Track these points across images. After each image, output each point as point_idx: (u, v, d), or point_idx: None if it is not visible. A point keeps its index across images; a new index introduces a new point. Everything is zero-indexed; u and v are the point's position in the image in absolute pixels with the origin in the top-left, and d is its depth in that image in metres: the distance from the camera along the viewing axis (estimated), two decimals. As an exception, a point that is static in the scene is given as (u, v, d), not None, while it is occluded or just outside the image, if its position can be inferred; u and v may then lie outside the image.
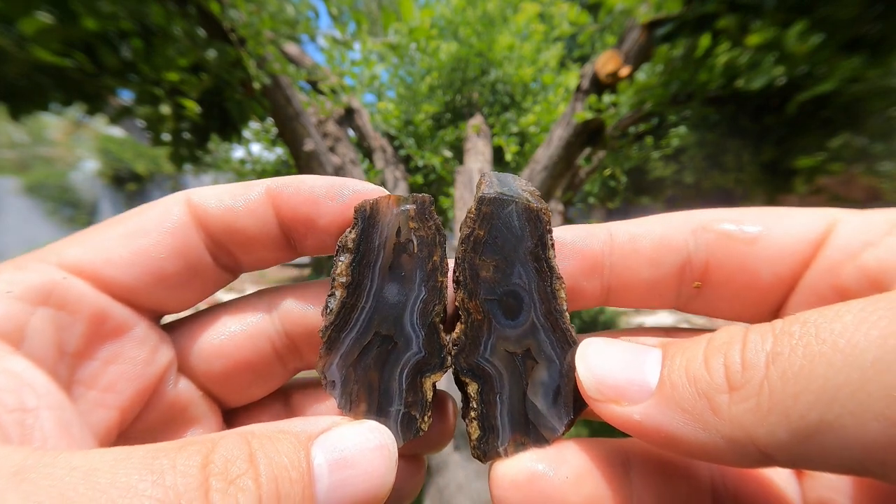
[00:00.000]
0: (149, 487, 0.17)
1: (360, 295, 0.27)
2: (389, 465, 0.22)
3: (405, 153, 3.06)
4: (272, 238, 0.28)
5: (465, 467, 2.09)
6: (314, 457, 0.20)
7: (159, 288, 0.26)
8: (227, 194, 0.27)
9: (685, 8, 1.47)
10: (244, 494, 0.17)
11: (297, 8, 1.70)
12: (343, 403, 0.26)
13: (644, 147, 2.70)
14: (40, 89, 1.21)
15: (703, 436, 0.19)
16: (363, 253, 0.27)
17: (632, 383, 0.22)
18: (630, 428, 0.22)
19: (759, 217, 0.27)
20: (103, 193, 12.27)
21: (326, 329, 0.26)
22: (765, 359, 0.18)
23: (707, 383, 0.19)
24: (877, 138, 1.64)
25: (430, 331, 0.27)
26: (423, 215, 0.28)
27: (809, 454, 0.17)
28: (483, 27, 2.95)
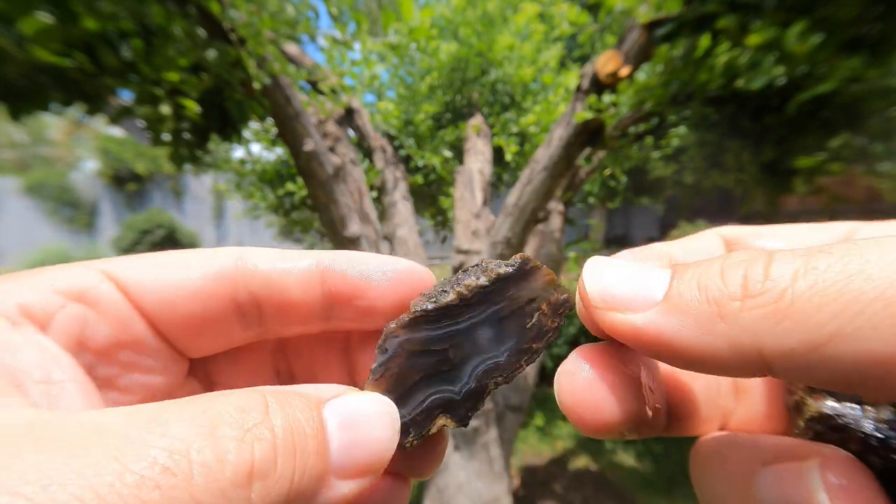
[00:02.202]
0: (156, 438, 0.17)
1: (463, 314, 0.27)
2: (393, 431, 0.23)
3: (405, 153, 3.06)
4: (311, 307, 0.28)
5: (465, 467, 2.09)
6: (326, 417, 0.21)
7: (177, 318, 0.26)
8: (278, 256, 0.28)
9: (685, 8, 1.47)
10: (260, 444, 0.18)
11: (297, 8, 1.70)
12: (376, 369, 0.26)
13: (644, 147, 2.70)
14: (40, 89, 1.21)
15: (703, 341, 0.19)
16: (493, 290, 0.27)
17: (637, 294, 0.22)
18: (628, 334, 0.22)
19: (780, 234, 0.27)
20: (103, 193, 12.26)
21: (420, 311, 0.26)
22: (793, 271, 0.18)
23: (719, 290, 0.19)
24: (877, 138, 1.64)
25: (478, 389, 0.27)
26: (558, 310, 0.28)
27: (812, 364, 0.17)
28: (483, 27, 2.95)
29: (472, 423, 2.10)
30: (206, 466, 0.16)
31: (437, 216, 3.51)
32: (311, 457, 0.19)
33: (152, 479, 0.16)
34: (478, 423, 2.11)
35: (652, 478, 3.27)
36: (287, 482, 0.18)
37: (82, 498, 0.15)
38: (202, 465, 0.16)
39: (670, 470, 3.34)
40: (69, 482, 0.15)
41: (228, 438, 0.17)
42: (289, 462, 0.18)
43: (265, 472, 0.17)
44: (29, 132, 14.91)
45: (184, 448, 0.16)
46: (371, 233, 2.24)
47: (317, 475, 0.19)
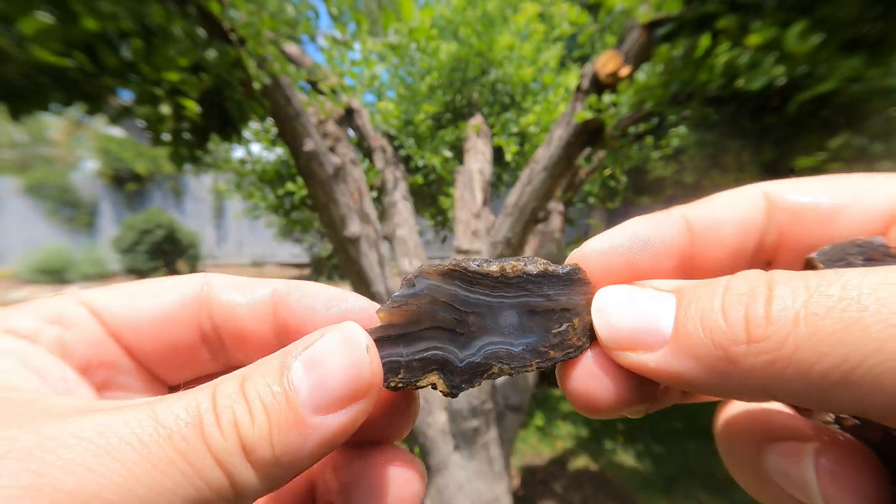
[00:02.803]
0: (175, 401, 0.20)
1: (497, 289, 0.27)
2: (360, 355, 0.23)
3: (405, 153, 3.06)
4: (265, 339, 0.28)
5: (465, 467, 2.09)
6: (292, 369, 0.22)
7: (147, 342, 0.27)
8: (238, 285, 0.29)
9: (685, 8, 1.47)
10: (237, 413, 0.20)
11: (297, 8, 1.70)
12: (396, 298, 0.26)
13: (644, 147, 2.70)
14: (40, 89, 1.21)
15: (715, 381, 0.21)
16: (535, 282, 0.27)
17: (647, 333, 0.23)
18: (645, 373, 0.23)
19: (831, 189, 0.26)
20: (103, 193, 12.26)
21: (461, 267, 0.26)
22: (793, 316, 0.18)
23: (723, 334, 0.20)
24: (877, 138, 1.64)
25: (481, 367, 0.27)
26: (587, 331, 0.27)
27: (817, 405, 0.19)
28: (483, 27, 2.95)
29: (472, 423, 2.10)
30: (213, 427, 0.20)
31: (437, 216, 3.51)
32: (282, 411, 0.21)
33: (179, 433, 0.19)
34: (478, 423, 2.11)
35: (652, 478, 3.27)
36: (266, 435, 0.20)
37: (131, 443, 0.18)
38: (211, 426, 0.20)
39: (670, 470, 3.34)
40: (120, 431, 0.18)
41: (208, 424, 0.20)
42: (263, 419, 0.20)
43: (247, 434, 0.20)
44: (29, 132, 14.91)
45: (196, 413, 0.20)
46: (371, 233, 2.24)
47: (292, 422, 0.21)
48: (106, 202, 12.25)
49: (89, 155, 13.63)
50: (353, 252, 2.04)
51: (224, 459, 0.19)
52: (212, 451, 0.19)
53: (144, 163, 11.61)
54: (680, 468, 3.35)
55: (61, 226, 11.94)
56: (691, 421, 4.03)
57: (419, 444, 2.17)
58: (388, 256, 2.34)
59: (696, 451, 3.57)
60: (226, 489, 0.19)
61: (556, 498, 3.05)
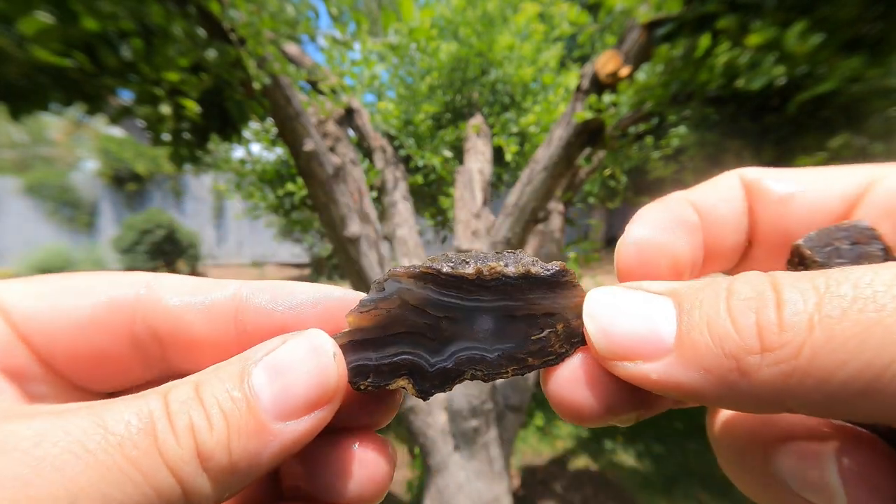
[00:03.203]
0: (124, 407, 0.19)
1: (473, 293, 0.25)
2: (325, 362, 0.23)
3: (405, 153, 3.06)
4: (223, 345, 0.26)
5: (465, 467, 2.09)
6: (253, 375, 0.21)
7: (61, 349, 0.24)
8: (188, 288, 0.26)
9: (685, 8, 1.47)
10: (194, 419, 0.19)
11: (297, 8, 1.70)
12: (365, 302, 0.25)
13: (644, 147, 2.70)
14: (40, 89, 1.21)
15: (724, 393, 0.19)
16: (515, 285, 0.25)
17: (647, 341, 0.21)
18: (645, 384, 0.21)
19: (799, 176, 0.27)
20: (103, 193, 12.26)
21: (433, 269, 0.25)
22: (807, 321, 0.17)
23: (735, 343, 0.18)
24: (877, 138, 1.64)
25: (453, 372, 0.26)
26: (571, 338, 0.25)
27: (839, 415, 0.18)
28: (483, 27, 2.95)
29: (472, 423, 2.10)
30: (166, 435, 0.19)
31: (437, 216, 3.51)
32: (242, 417, 0.20)
33: (130, 440, 0.18)
34: (478, 423, 2.11)
35: (652, 478, 3.27)
36: (224, 441, 0.19)
37: (75, 451, 0.16)
38: (163, 433, 0.19)
39: (670, 470, 3.34)
40: (59, 440, 0.16)
41: (161, 432, 0.19)
42: (221, 425, 0.20)
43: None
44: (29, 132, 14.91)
45: (148, 419, 0.19)
46: (371, 233, 2.24)
47: (253, 429, 0.20)
48: (106, 202, 12.25)
49: (89, 155, 13.64)
50: (353, 252, 2.04)
51: (178, 468, 0.18)
52: (165, 458, 0.18)
53: (144, 163, 11.61)
54: (680, 468, 3.35)
55: (61, 226, 11.94)
56: (691, 421, 4.03)
57: (419, 444, 2.17)
58: (388, 256, 2.34)
59: (696, 451, 3.57)
60: (178, 498, 0.18)
61: (556, 498, 3.05)
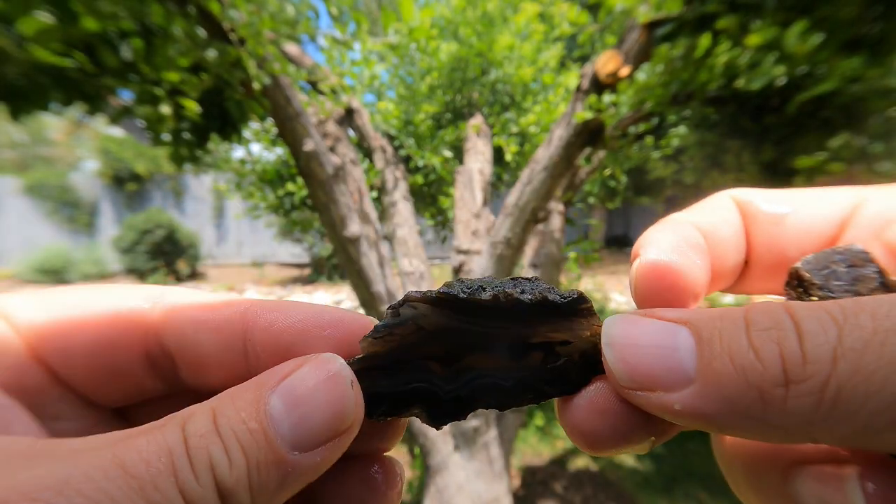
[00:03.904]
0: (144, 444, 0.18)
1: (489, 319, 0.24)
2: (344, 391, 0.22)
3: (405, 153, 3.06)
4: (231, 363, 0.25)
5: (465, 468, 2.09)
6: (271, 404, 0.21)
7: (78, 366, 0.24)
8: (198, 305, 0.26)
9: (685, 8, 1.47)
10: (213, 455, 0.19)
11: (297, 8, 1.70)
12: (380, 329, 0.24)
13: (644, 147, 2.70)
14: (40, 89, 1.21)
15: (750, 423, 0.19)
16: (531, 312, 0.24)
17: (668, 371, 0.21)
18: (666, 414, 0.21)
19: (789, 198, 0.27)
20: (103, 193, 12.26)
21: (451, 294, 0.24)
22: (831, 353, 0.17)
23: (760, 375, 0.18)
24: (877, 138, 1.64)
25: (467, 401, 0.25)
26: (588, 367, 0.25)
27: (868, 444, 0.17)
28: (483, 27, 2.95)
29: (472, 423, 2.10)
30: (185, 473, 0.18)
31: (437, 216, 3.51)
32: (261, 450, 0.20)
33: (152, 482, 0.17)
34: (478, 423, 2.11)
35: (652, 478, 3.27)
36: (244, 477, 0.19)
37: (99, 501, 0.16)
38: (181, 471, 0.18)
39: (670, 470, 3.34)
40: (82, 488, 0.16)
41: (180, 471, 0.18)
42: (240, 460, 0.19)
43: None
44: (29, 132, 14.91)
45: (168, 458, 0.18)
46: (371, 233, 2.24)
47: (272, 462, 0.20)
48: (106, 202, 12.25)
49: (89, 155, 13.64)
50: (353, 252, 2.04)
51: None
52: (187, 499, 0.18)
53: (144, 163, 11.61)
54: (680, 468, 3.35)
55: (61, 226, 11.94)
56: (691, 421, 4.02)
57: (419, 444, 2.17)
58: (388, 256, 2.34)
59: (696, 451, 3.57)
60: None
61: (556, 498, 3.05)
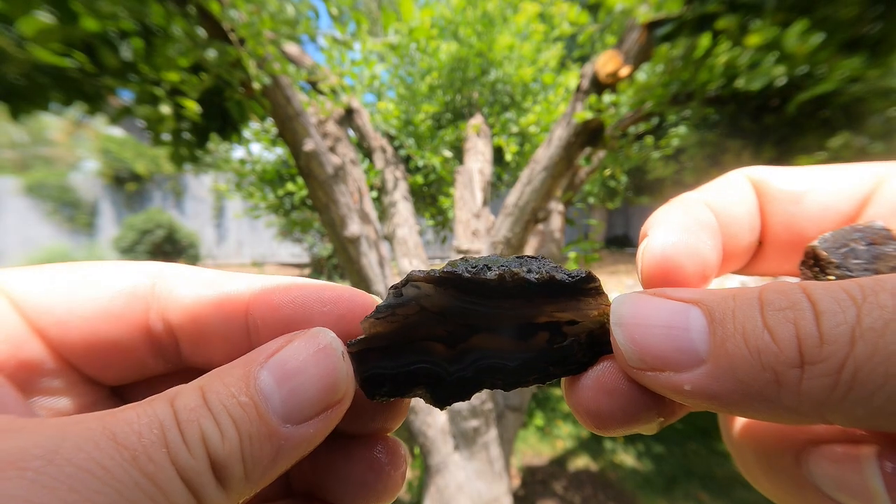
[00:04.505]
0: (135, 417, 0.18)
1: (494, 298, 0.24)
2: (335, 363, 0.22)
3: (405, 153, 3.06)
4: (235, 340, 0.25)
5: (465, 467, 2.09)
6: (260, 378, 0.20)
7: (78, 341, 0.24)
8: (201, 280, 0.25)
9: (685, 8, 1.47)
10: (204, 428, 0.19)
11: (297, 8, 1.70)
12: (382, 308, 0.24)
13: (644, 147, 2.70)
14: (40, 89, 1.21)
15: (763, 405, 0.18)
16: (537, 292, 0.24)
17: (679, 351, 0.20)
18: (676, 395, 0.21)
19: (807, 176, 0.27)
20: (103, 193, 12.25)
21: (454, 273, 0.23)
22: (849, 333, 0.17)
23: (775, 356, 0.18)
24: (877, 138, 1.64)
25: (472, 382, 0.25)
26: (595, 347, 0.24)
27: (884, 426, 0.17)
28: (483, 27, 2.95)
29: (472, 423, 2.10)
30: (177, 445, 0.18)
31: (437, 216, 3.51)
32: (252, 423, 0.20)
33: (145, 453, 0.17)
34: (478, 423, 2.11)
35: (652, 478, 3.27)
36: (237, 450, 0.19)
37: (90, 469, 0.16)
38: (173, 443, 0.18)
39: (670, 470, 3.34)
40: (72, 457, 0.16)
41: (172, 443, 0.18)
42: (232, 433, 0.19)
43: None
44: (29, 132, 14.91)
45: (159, 429, 0.18)
46: (371, 233, 2.24)
47: (264, 434, 0.20)
48: (106, 202, 12.25)
49: (89, 155, 13.64)
50: (353, 252, 2.04)
51: (192, 479, 0.18)
52: (180, 470, 0.18)
53: (144, 163, 11.61)
54: (680, 468, 3.35)
55: (61, 226, 11.93)
56: (691, 421, 4.02)
57: (419, 444, 2.17)
58: (388, 256, 2.34)
59: (696, 451, 3.57)
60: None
61: (556, 498, 3.05)
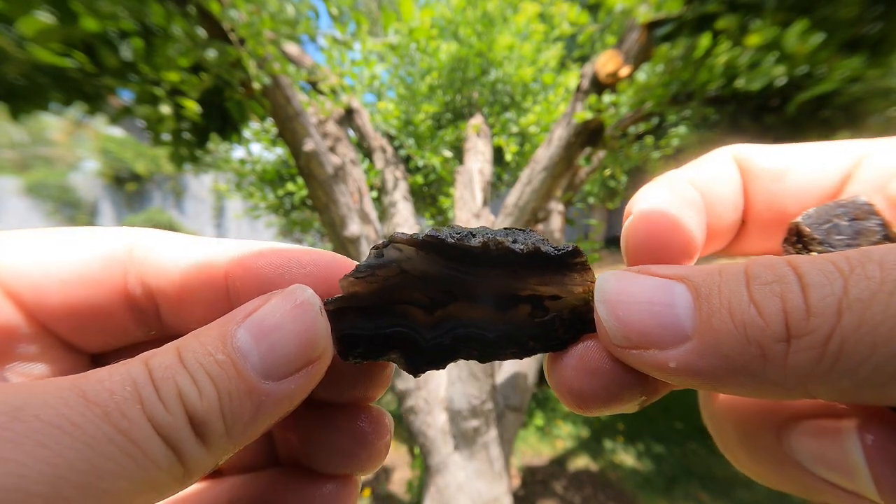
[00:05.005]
0: (107, 376, 0.18)
1: (477, 267, 0.23)
2: (313, 318, 0.22)
3: (405, 153, 3.06)
4: (214, 305, 0.25)
5: (465, 467, 2.09)
6: (237, 337, 0.20)
7: (53, 305, 0.23)
8: (178, 244, 0.25)
9: (685, 8, 1.47)
10: (181, 385, 0.18)
11: (297, 8, 1.70)
12: (362, 268, 0.23)
13: (644, 147, 2.70)
14: (40, 89, 1.21)
15: (747, 380, 0.18)
16: (521, 263, 0.23)
17: (663, 328, 0.20)
18: (660, 373, 0.20)
19: (790, 153, 0.27)
20: (103, 193, 12.26)
21: (437, 238, 0.23)
22: (836, 305, 0.16)
23: (761, 330, 0.17)
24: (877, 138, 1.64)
25: (448, 350, 0.24)
26: (577, 324, 0.24)
27: (867, 400, 0.17)
28: (483, 27, 2.95)
29: (472, 423, 2.10)
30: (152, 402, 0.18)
31: (437, 216, 3.51)
32: (231, 380, 0.19)
33: (117, 409, 0.17)
34: (478, 423, 2.11)
35: (652, 478, 3.27)
36: (216, 406, 0.19)
37: (58, 424, 0.15)
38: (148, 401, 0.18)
39: (670, 470, 3.34)
40: (39, 413, 0.15)
41: (146, 399, 0.18)
42: (210, 390, 0.19)
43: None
44: (29, 132, 14.91)
45: (132, 387, 0.18)
46: (371, 233, 2.24)
47: (244, 391, 0.19)
48: (106, 202, 12.25)
49: (89, 155, 13.64)
50: (353, 252, 2.04)
51: (169, 435, 0.17)
52: (156, 426, 0.17)
53: (144, 163, 11.61)
54: (680, 468, 3.35)
55: (61, 226, 11.95)
56: (691, 421, 4.02)
57: (419, 444, 2.17)
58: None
59: (696, 451, 3.57)
60: (175, 467, 0.18)
61: (556, 498, 3.05)
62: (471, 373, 2.07)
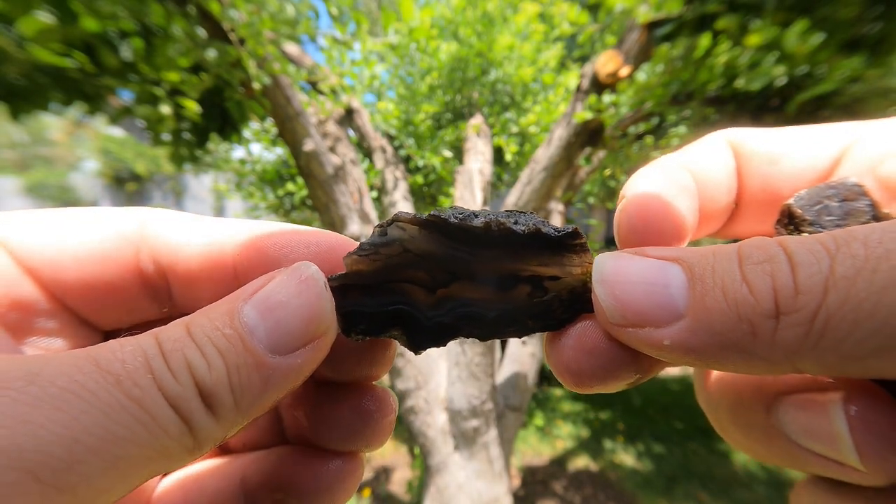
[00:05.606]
0: (118, 348, 0.18)
1: (478, 247, 0.23)
2: (319, 293, 0.22)
3: (405, 153, 3.06)
4: (222, 283, 0.25)
5: (465, 467, 2.09)
6: (244, 313, 0.21)
7: (70, 281, 0.24)
8: (187, 224, 0.26)
9: (685, 8, 1.47)
10: (189, 357, 0.19)
11: (297, 8, 1.70)
12: (365, 246, 0.24)
13: (644, 147, 2.70)
14: (40, 89, 1.21)
15: (738, 356, 0.19)
16: (521, 244, 0.23)
17: (658, 307, 0.20)
18: (655, 350, 0.21)
19: (783, 136, 0.27)
20: (103, 193, 12.27)
21: (440, 218, 0.23)
22: (823, 282, 0.17)
23: (752, 307, 0.18)
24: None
25: (448, 328, 0.24)
26: (575, 305, 0.24)
27: (851, 372, 0.17)
28: (483, 27, 2.95)
29: (472, 423, 2.10)
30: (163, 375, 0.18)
31: (437, 216, 3.51)
32: (239, 354, 0.20)
33: (129, 378, 0.17)
34: (478, 423, 2.11)
35: (652, 478, 3.27)
36: (224, 379, 0.19)
37: (73, 391, 0.16)
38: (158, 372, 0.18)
39: (670, 470, 3.34)
40: (55, 379, 0.16)
41: (156, 370, 0.18)
42: (219, 362, 0.19)
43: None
44: (29, 132, 14.91)
45: (143, 357, 0.18)
46: (371, 233, 2.24)
47: (251, 364, 0.20)
48: (106, 202, 12.25)
49: (89, 155, 13.64)
50: (353, 252, 2.04)
51: (180, 405, 0.18)
52: (166, 395, 0.18)
53: (144, 163, 11.61)
54: (680, 468, 3.35)
55: (61, 226, 11.95)
56: (691, 421, 4.03)
57: (419, 444, 2.17)
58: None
59: (696, 451, 3.57)
60: (186, 437, 0.18)
61: (556, 498, 3.05)
62: (471, 373, 2.07)
